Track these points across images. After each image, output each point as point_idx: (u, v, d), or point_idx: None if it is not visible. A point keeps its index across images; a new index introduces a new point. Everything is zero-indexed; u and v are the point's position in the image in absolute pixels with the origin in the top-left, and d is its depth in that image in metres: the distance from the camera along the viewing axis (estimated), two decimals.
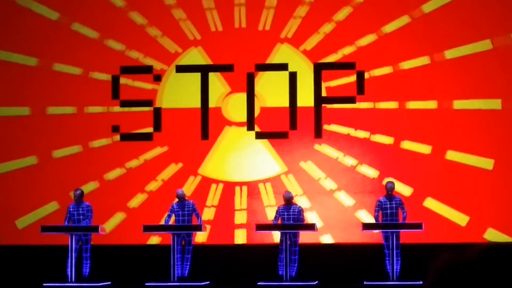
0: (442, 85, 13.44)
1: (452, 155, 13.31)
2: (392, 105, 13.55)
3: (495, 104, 13.27)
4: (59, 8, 14.06)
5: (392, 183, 12.41)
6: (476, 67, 13.34)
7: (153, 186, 13.76)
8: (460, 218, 13.18)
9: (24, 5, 14.09)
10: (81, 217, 12.40)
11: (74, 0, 14.10)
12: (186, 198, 12.74)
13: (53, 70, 14.00)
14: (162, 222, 12.72)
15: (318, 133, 13.58)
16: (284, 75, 13.82)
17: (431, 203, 13.25)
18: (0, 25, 14.12)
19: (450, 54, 13.42)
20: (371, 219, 12.94)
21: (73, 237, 12.17)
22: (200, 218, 12.56)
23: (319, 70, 13.67)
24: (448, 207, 13.22)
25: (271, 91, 13.84)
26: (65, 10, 14.05)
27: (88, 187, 13.34)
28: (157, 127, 13.84)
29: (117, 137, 13.90)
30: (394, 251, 11.95)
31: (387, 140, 13.48)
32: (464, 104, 13.36)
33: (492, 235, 13.02)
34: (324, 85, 13.73)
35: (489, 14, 13.35)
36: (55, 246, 12.90)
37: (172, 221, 12.54)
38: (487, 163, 13.20)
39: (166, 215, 12.60)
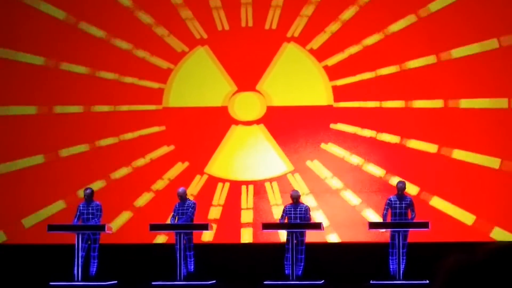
0: (449, 84, 13.44)
1: (458, 154, 13.31)
2: (398, 104, 13.56)
3: (502, 103, 13.26)
4: (66, 8, 14.09)
5: (403, 182, 12.37)
6: (483, 66, 13.34)
7: (159, 185, 13.78)
8: (467, 217, 13.17)
9: (31, 4, 14.12)
10: (90, 216, 12.39)
11: None
12: (191, 198, 12.73)
13: (60, 69, 14.03)
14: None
15: None
16: (289, 74, 13.83)
17: (437, 202, 13.24)
18: (7, 24, 14.16)
19: (456, 53, 13.42)
20: (377, 218, 12.94)
21: (80, 236, 12.17)
22: (189, 218, 12.26)
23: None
24: (455, 206, 13.22)
25: (278, 89, 13.85)
26: (72, 9, 14.08)
27: (95, 186, 13.29)
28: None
29: (124, 136, 13.94)
30: (400, 250, 11.94)
31: (393, 139, 13.49)
32: (470, 103, 13.35)
33: (499, 234, 13.01)
34: (330, 84, 13.75)
35: (495, 13, 13.34)
36: (62, 245, 12.92)
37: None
38: (493, 162, 13.19)
39: (171, 215, 12.56)
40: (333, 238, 13.39)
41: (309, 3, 13.86)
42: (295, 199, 12.37)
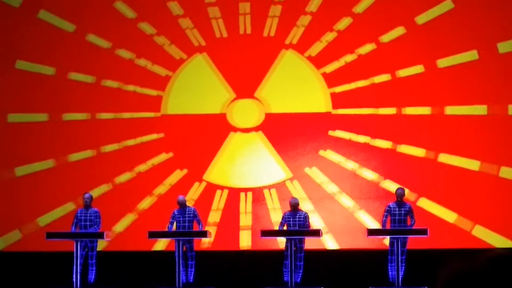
0: (446, 91, 13.48)
1: (456, 161, 13.31)
2: (394, 111, 13.59)
3: (501, 108, 13.29)
4: (76, 21, 14.22)
5: (402, 189, 12.35)
6: (481, 72, 13.38)
7: (161, 190, 13.81)
8: (466, 224, 13.17)
9: (44, 19, 14.25)
10: (89, 223, 12.35)
11: (89, 13, 14.25)
12: (189, 205, 12.74)
13: (69, 78, 14.13)
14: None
15: None
16: (288, 81, 13.84)
17: (436, 209, 13.23)
18: (22, 38, 14.30)
19: (447, 61, 13.49)
20: (376, 225, 12.93)
21: (79, 243, 12.15)
22: (202, 225, 12.44)
23: None
24: (452, 212, 13.21)
25: (276, 96, 13.86)
26: (81, 22, 14.20)
27: (100, 189, 13.40)
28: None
29: (126, 143, 13.99)
30: (399, 257, 11.92)
31: (393, 145, 13.49)
32: (468, 109, 13.37)
33: (497, 241, 13.01)
34: (329, 90, 13.76)
35: (476, 27, 13.46)
36: (60, 253, 12.91)
37: (174, 228, 12.49)
38: (492, 168, 13.19)
39: (169, 222, 12.55)
40: (332, 245, 13.38)
41: (305, 13, 13.91)
42: (294, 206, 12.35)
